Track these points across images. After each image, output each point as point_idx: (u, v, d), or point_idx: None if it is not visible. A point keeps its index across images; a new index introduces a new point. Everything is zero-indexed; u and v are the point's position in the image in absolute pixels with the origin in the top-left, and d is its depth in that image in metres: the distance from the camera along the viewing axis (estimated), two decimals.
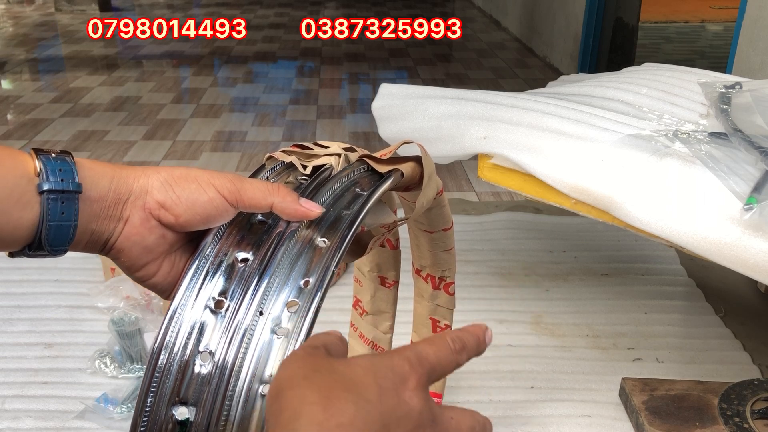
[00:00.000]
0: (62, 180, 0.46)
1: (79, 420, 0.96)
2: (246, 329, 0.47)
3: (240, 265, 0.50)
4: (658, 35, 5.72)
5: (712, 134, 0.98)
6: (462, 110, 1.07)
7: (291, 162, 0.58)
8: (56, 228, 0.46)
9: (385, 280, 0.84)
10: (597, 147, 0.94)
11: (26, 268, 1.34)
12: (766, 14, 2.07)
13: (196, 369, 0.46)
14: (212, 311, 0.48)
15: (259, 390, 0.45)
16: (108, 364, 1.04)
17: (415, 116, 1.10)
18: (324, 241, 0.50)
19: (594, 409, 1.00)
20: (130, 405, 0.97)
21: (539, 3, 4.67)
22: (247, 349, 0.46)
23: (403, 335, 0.89)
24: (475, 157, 1.06)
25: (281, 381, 0.37)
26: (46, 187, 0.45)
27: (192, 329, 0.47)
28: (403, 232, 0.80)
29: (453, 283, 0.83)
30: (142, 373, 1.03)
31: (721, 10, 6.47)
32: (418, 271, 0.83)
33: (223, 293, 0.49)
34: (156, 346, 0.47)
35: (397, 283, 0.84)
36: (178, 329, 0.47)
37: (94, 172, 0.48)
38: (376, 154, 0.61)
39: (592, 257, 1.43)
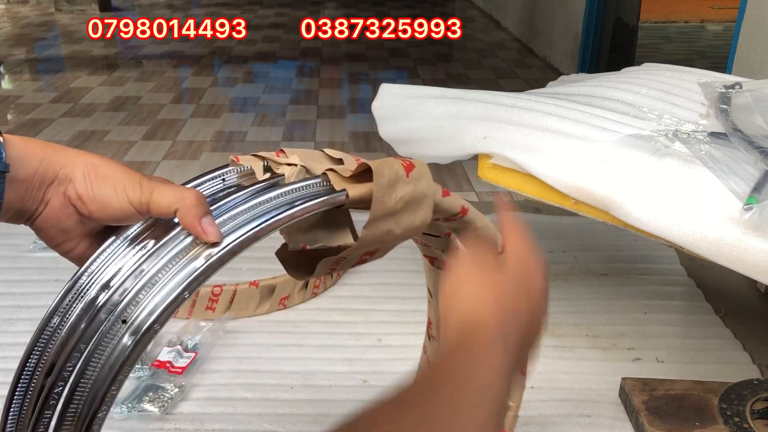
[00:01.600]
0: None
1: None
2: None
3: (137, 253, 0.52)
4: (658, 35, 5.72)
5: (712, 134, 0.98)
6: (462, 110, 1.07)
7: (251, 167, 0.58)
8: None
9: None
10: (597, 147, 0.94)
11: (26, 268, 1.34)
12: (766, 14, 2.07)
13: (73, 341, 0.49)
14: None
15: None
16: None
17: (415, 116, 1.10)
18: (209, 255, 0.49)
19: (594, 409, 1.00)
20: (130, 405, 0.97)
21: (539, 3, 4.67)
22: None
23: None
24: (475, 157, 1.06)
25: (457, 275, 0.53)
26: None
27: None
28: None
29: None
30: (141, 373, 1.04)
31: (721, 10, 6.46)
32: None
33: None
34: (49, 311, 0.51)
35: None
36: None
37: (24, 152, 0.49)
38: (349, 169, 0.56)
39: (592, 257, 1.43)
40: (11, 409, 0.50)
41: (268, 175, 0.57)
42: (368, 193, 0.54)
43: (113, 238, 0.52)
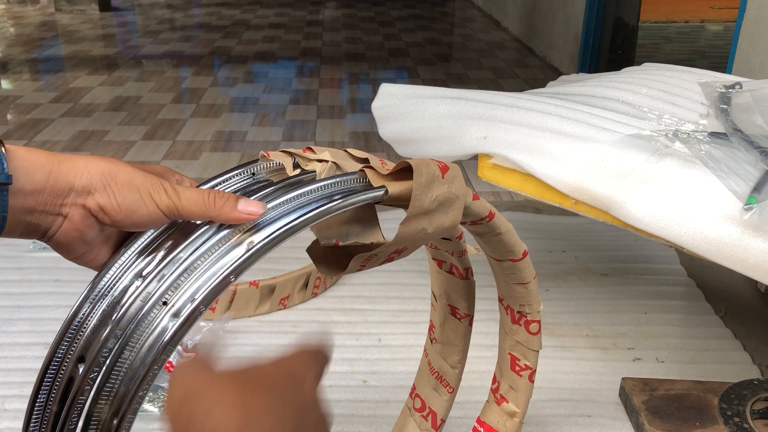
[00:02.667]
0: None
1: None
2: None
3: (162, 252, 0.51)
4: (658, 35, 5.72)
5: (712, 134, 0.98)
6: (462, 110, 1.07)
7: (281, 163, 0.58)
8: None
9: (455, 311, 0.78)
10: (597, 147, 0.94)
11: (26, 268, 1.34)
12: (766, 14, 2.07)
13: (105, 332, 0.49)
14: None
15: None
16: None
17: (415, 116, 1.10)
18: (251, 243, 0.50)
19: (594, 409, 1.00)
20: None
21: (539, 3, 4.67)
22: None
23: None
24: (475, 157, 1.06)
25: (183, 391, 0.37)
26: None
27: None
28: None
29: (536, 321, 0.76)
30: None
31: (721, 10, 6.46)
32: (500, 300, 0.78)
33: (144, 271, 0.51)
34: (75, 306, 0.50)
35: (469, 316, 0.78)
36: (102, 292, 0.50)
37: (29, 163, 0.47)
38: (385, 167, 0.58)
39: (592, 257, 1.43)
40: (38, 397, 0.50)
41: (298, 171, 0.58)
42: (406, 190, 0.56)
43: (136, 240, 0.52)
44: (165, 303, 0.48)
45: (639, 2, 3.91)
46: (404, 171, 0.57)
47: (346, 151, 0.61)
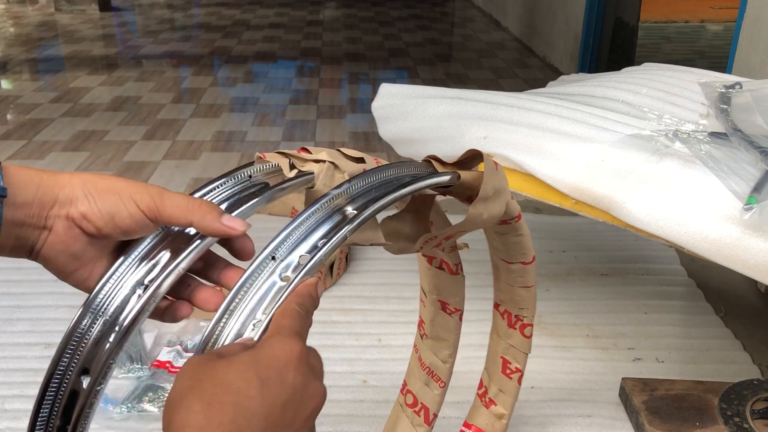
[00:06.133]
0: None
1: None
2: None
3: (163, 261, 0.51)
4: (658, 35, 5.72)
5: (712, 134, 0.98)
6: (462, 110, 1.07)
7: (278, 164, 0.58)
8: None
9: (446, 306, 0.80)
10: (597, 147, 0.94)
11: (26, 268, 1.33)
12: (766, 14, 2.07)
13: (110, 340, 0.48)
14: (139, 296, 0.49)
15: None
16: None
17: (415, 116, 1.10)
18: (351, 214, 0.51)
19: (594, 409, 1.00)
20: (130, 405, 0.97)
21: (539, 3, 4.67)
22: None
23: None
24: None
25: (173, 393, 0.41)
26: None
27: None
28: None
29: (531, 325, 0.79)
30: (142, 373, 1.03)
31: (721, 10, 6.46)
32: (496, 306, 0.80)
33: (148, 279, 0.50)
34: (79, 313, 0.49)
35: (459, 311, 0.80)
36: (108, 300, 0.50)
37: (20, 178, 0.47)
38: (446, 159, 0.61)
39: (592, 257, 1.43)
40: (41, 410, 0.49)
41: (295, 171, 0.58)
42: (472, 177, 0.61)
43: (134, 249, 0.51)
44: (273, 258, 0.48)
45: (639, 2, 3.90)
46: (457, 164, 0.61)
47: (339, 150, 0.62)
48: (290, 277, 0.47)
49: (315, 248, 0.49)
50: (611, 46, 3.89)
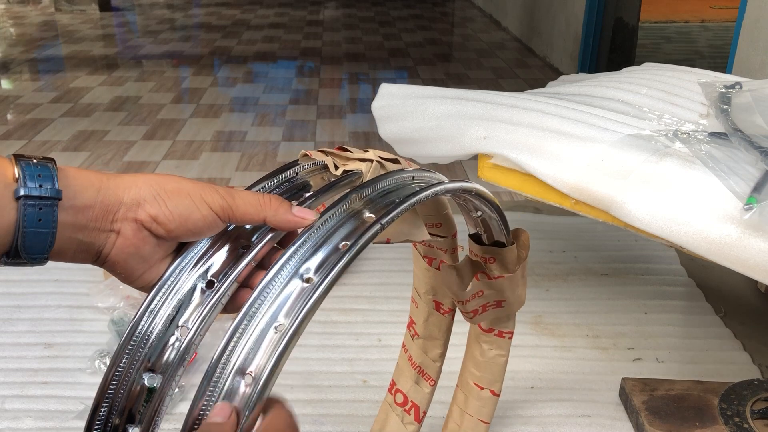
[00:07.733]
0: (40, 186, 0.44)
1: (79, 420, 0.96)
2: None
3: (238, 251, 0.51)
4: (658, 35, 5.72)
5: (712, 134, 0.98)
6: (462, 110, 1.07)
7: (324, 162, 0.59)
8: (33, 235, 0.45)
9: (440, 306, 0.81)
10: (597, 147, 0.94)
11: (26, 268, 1.33)
12: (766, 14, 2.07)
13: (171, 341, 0.48)
14: (203, 290, 0.49)
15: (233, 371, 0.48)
16: (108, 363, 1.04)
17: (415, 116, 1.10)
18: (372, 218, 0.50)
19: (594, 409, 1.00)
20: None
21: (539, 3, 4.67)
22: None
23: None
24: (475, 157, 1.06)
25: None
26: (22, 192, 0.44)
27: (180, 303, 0.49)
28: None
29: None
30: None
31: (721, 10, 6.46)
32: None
33: (215, 275, 0.50)
34: (140, 310, 0.48)
35: (452, 311, 0.82)
36: (165, 300, 0.49)
37: (78, 181, 0.47)
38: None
39: (592, 257, 1.43)
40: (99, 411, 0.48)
41: (341, 170, 0.58)
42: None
43: (192, 249, 0.50)
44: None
45: (639, 2, 3.91)
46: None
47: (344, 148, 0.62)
48: (313, 279, 0.47)
49: (336, 250, 0.48)
50: (611, 46, 3.89)
